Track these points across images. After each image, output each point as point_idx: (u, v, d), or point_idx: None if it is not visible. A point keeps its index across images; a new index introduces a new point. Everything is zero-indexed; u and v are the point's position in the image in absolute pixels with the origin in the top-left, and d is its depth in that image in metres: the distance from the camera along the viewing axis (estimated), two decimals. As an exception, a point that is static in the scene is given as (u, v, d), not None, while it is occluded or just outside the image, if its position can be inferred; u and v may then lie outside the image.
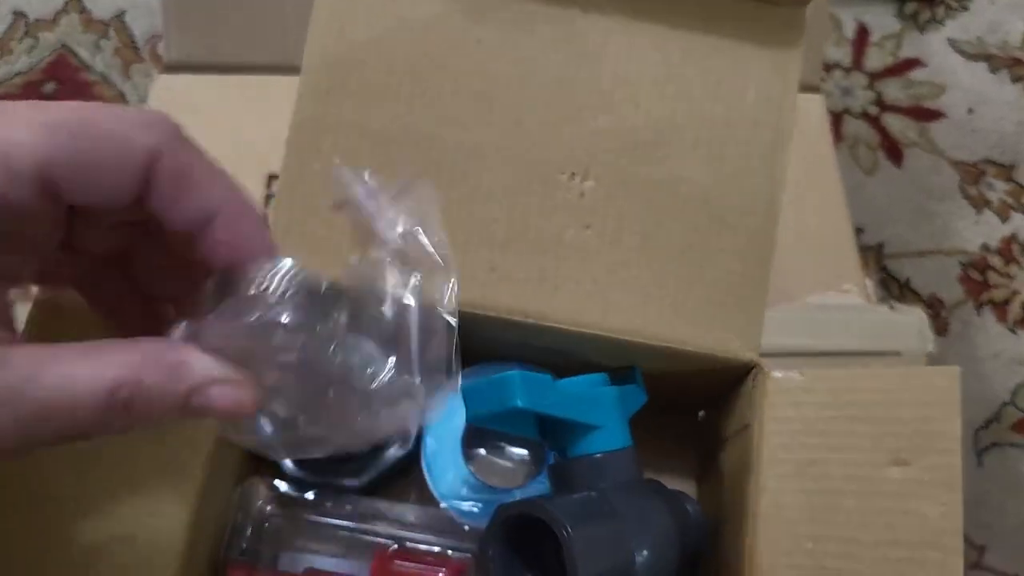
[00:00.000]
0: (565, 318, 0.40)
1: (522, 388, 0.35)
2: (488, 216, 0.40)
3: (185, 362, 0.25)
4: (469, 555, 0.39)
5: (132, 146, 0.25)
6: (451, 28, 0.40)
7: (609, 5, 0.41)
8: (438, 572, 0.38)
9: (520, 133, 0.40)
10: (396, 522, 0.40)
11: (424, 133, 0.40)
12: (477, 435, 0.42)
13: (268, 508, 0.40)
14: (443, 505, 0.40)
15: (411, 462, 0.42)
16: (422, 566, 0.38)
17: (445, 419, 0.42)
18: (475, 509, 0.40)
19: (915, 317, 0.55)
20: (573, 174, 0.40)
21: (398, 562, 0.38)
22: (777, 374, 0.38)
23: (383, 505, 0.40)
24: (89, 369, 0.24)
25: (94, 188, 0.25)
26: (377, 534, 0.39)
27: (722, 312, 0.39)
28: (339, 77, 0.40)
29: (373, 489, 0.42)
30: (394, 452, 0.41)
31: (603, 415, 0.38)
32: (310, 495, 0.40)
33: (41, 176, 0.24)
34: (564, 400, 0.37)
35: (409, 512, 0.40)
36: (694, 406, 0.50)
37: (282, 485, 0.41)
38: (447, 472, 0.41)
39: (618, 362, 0.42)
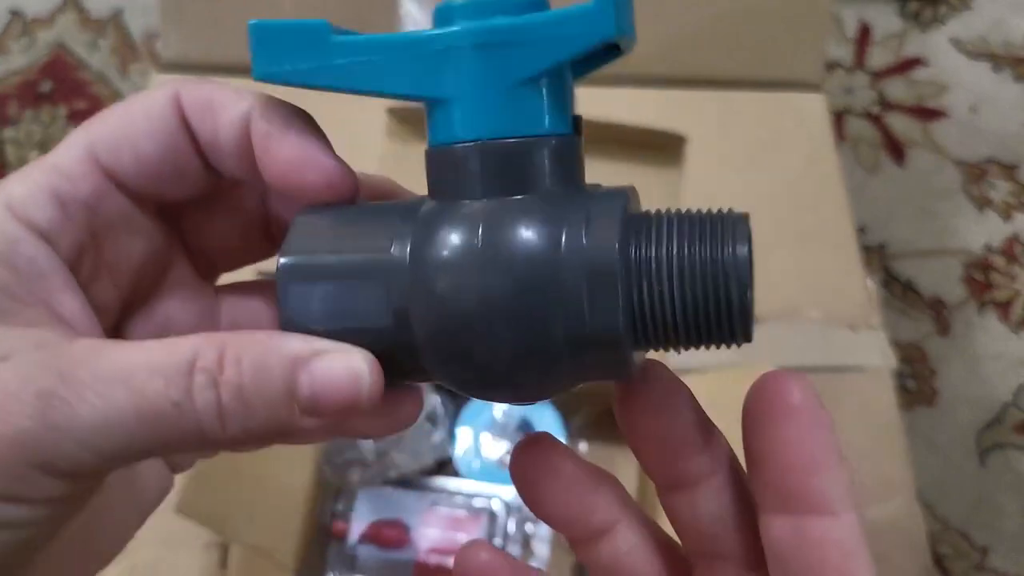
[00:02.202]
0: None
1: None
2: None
3: (278, 336, 0.20)
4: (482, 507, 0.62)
5: (155, 97, 0.22)
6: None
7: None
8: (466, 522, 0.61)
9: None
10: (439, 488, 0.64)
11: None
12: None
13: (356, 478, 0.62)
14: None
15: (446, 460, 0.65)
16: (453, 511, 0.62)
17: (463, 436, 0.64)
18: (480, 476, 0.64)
19: (876, 337, 0.61)
20: None
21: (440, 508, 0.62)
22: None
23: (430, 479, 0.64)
24: (166, 343, 0.19)
25: (143, 152, 0.22)
26: (428, 488, 0.63)
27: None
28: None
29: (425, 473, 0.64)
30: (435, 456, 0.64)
31: (449, 83, 0.21)
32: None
33: (93, 164, 0.21)
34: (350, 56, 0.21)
35: (444, 481, 0.64)
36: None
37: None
38: (469, 460, 0.64)
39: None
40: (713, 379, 0.54)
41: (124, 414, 0.19)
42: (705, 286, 0.19)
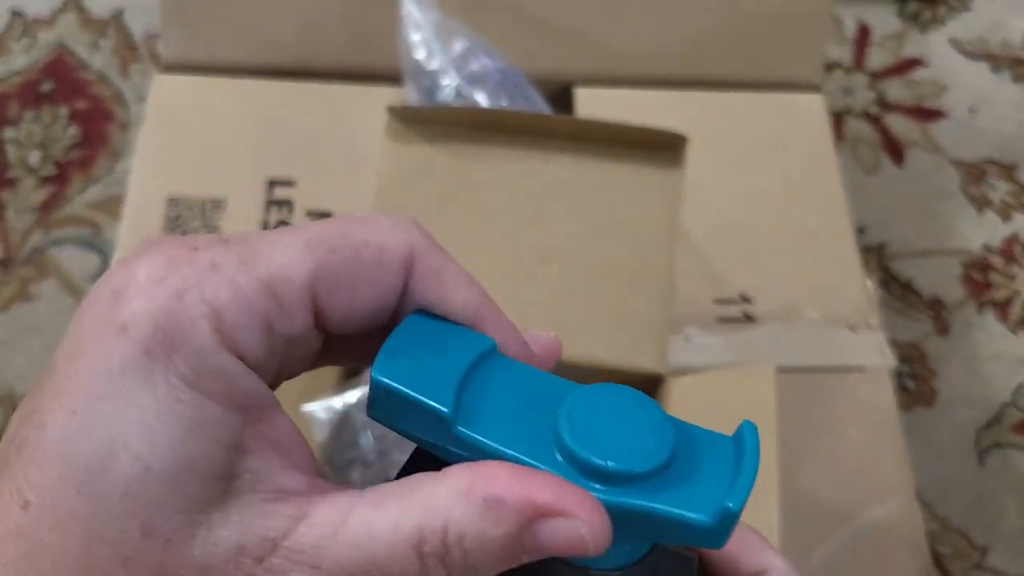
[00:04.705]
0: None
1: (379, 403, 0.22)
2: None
3: (498, 496, 0.19)
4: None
5: (390, 248, 0.22)
6: (462, 173, 0.59)
7: (555, 152, 0.60)
8: None
9: (509, 235, 0.58)
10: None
11: (439, 235, 0.53)
12: None
13: None
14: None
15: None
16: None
17: None
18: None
19: (875, 337, 0.63)
20: (544, 259, 0.58)
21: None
22: (680, 380, 0.54)
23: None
24: (389, 518, 0.20)
25: (358, 301, 0.22)
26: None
27: (632, 339, 0.55)
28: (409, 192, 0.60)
29: None
30: None
31: None
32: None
33: (310, 299, 0.21)
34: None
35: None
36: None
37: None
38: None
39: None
40: (712, 379, 0.54)
41: None
42: None
